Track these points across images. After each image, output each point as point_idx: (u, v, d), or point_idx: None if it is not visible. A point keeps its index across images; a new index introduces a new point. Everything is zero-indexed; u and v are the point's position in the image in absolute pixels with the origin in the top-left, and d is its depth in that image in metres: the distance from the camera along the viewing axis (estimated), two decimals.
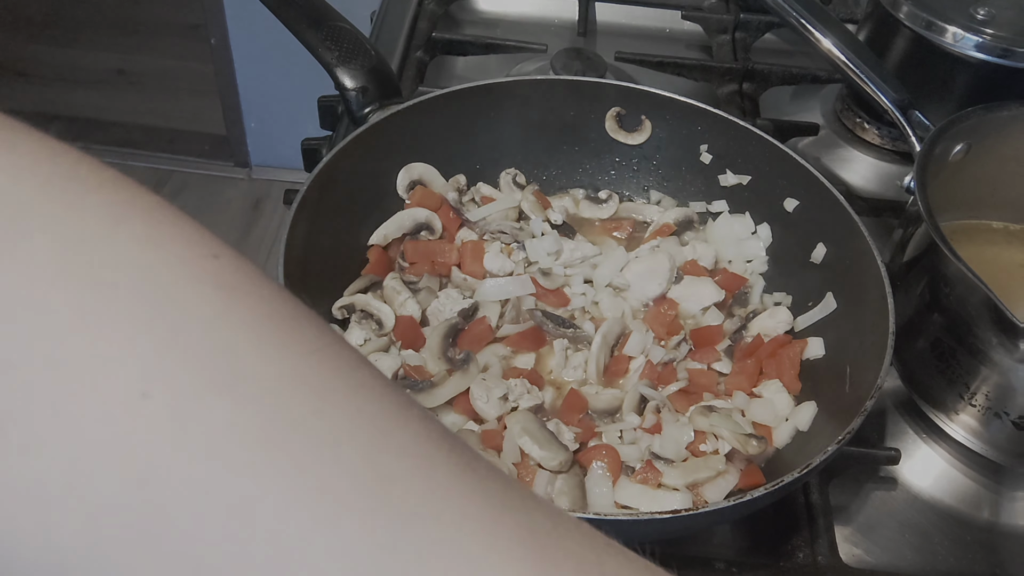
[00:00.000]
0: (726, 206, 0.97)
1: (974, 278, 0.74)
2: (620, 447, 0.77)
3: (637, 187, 1.01)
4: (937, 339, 0.83)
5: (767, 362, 0.85)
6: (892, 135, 1.18)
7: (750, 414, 0.81)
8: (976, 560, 0.80)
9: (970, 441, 0.85)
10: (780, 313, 0.88)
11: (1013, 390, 0.79)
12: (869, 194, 1.12)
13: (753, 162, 0.94)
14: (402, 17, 1.28)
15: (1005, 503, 0.84)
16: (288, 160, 2.75)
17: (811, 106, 1.25)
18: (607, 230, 0.98)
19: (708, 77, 1.24)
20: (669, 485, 0.74)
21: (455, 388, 0.79)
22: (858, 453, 0.83)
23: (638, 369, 0.84)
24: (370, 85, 0.90)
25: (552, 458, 0.73)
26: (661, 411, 0.80)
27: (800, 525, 0.77)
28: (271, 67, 2.53)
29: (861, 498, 0.83)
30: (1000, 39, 1.01)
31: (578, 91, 0.98)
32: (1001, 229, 0.99)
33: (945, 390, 0.84)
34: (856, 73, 0.94)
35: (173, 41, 3.10)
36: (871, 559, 0.79)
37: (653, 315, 0.89)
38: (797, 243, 0.91)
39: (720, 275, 0.93)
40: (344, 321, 0.84)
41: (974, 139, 0.90)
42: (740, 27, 1.32)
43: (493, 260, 0.90)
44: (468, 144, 0.97)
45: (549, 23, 1.36)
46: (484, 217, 0.95)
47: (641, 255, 0.93)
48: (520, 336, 0.85)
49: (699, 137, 0.97)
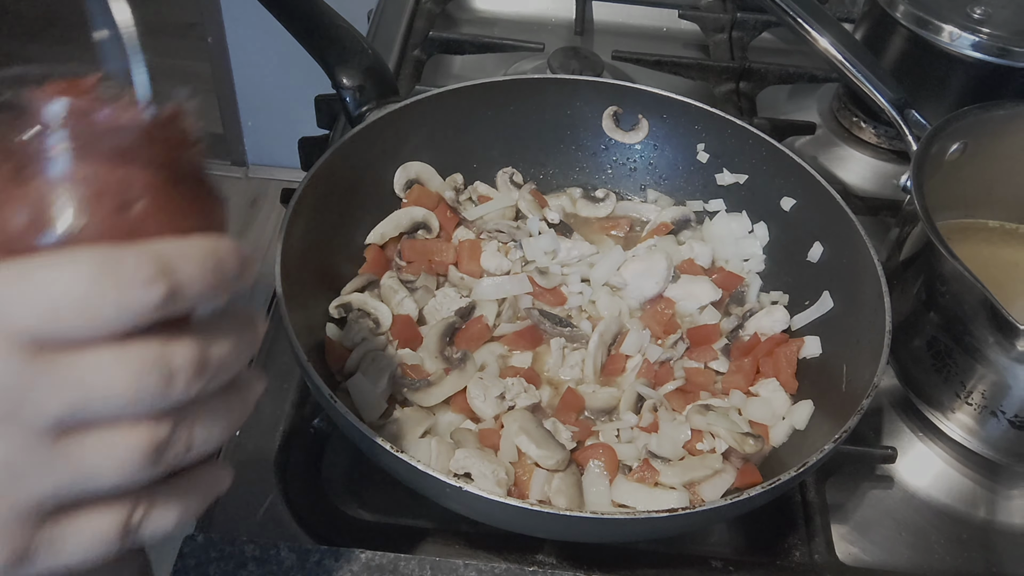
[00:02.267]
0: (723, 205, 0.97)
1: (970, 277, 0.74)
2: (617, 446, 0.77)
3: (634, 186, 1.02)
4: (933, 338, 0.83)
5: (764, 361, 0.85)
6: (889, 134, 1.18)
7: (747, 413, 0.81)
8: (972, 558, 0.80)
9: (966, 440, 0.85)
10: (777, 312, 0.89)
11: (1009, 389, 0.79)
12: (866, 193, 1.13)
13: (750, 161, 0.95)
14: (399, 16, 1.28)
15: (1001, 501, 0.85)
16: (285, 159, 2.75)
17: (808, 105, 1.26)
18: (604, 229, 0.98)
19: (705, 76, 1.25)
20: (666, 484, 0.74)
21: (452, 387, 0.79)
22: (855, 452, 0.83)
23: (635, 368, 0.84)
24: (367, 84, 0.90)
25: (549, 457, 0.73)
26: (658, 410, 0.80)
27: (797, 523, 0.77)
28: (268, 66, 2.53)
29: (858, 496, 0.83)
30: (996, 38, 1.02)
31: (575, 90, 0.98)
32: (997, 228, 0.99)
33: (941, 389, 0.84)
34: (853, 72, 0.94)
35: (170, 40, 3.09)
36: (868, 557, 0.79)
37: (650, 314, 0.89)
38: (794, 242, 0.91)
39: (717, 274, 0.93)
40: (341, 320, 0.84)
41: (970, 138, 0.90)
42: (737, 26, 1.32)
43: (490, 259, 0.90)
44: (465, 143, 0.97)
45: (546, 22, 1.36)
46: (481, 216, 0.95)
47: (638, 254, 0.93)
48: (517, 335, 0.85)
49: (696, 136, 0.97)
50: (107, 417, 0.38)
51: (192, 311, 0.40)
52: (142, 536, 0.41)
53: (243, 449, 0.78)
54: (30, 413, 0.36)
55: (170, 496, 0.42)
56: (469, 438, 0.76)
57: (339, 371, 0.80)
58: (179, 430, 0.40)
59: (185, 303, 0.38)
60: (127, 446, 0.38)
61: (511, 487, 0.73)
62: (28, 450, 0.37)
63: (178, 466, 0.41)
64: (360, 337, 0.82)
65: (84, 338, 0.36)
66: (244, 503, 0.74)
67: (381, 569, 0.66)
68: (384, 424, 0.76)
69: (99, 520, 0.40)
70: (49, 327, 0.36)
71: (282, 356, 0.86)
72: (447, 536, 0.74)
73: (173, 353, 0.38)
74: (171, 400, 0.38)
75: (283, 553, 0.66)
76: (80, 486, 0.38)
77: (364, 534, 0.73)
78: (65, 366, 0.36)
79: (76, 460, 0.38)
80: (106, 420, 0.38)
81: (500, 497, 0.62)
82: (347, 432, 0.68)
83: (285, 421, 0.79)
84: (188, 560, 0.66)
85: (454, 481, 0.61)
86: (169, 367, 0.38)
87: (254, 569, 0.65)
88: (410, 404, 0.78)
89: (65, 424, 0.37)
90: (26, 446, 0.37)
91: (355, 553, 0.67)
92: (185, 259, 0.38)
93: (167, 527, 0.42)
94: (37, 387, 0.36)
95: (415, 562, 0.66)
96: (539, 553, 0.73)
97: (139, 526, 0.41)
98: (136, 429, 0.38)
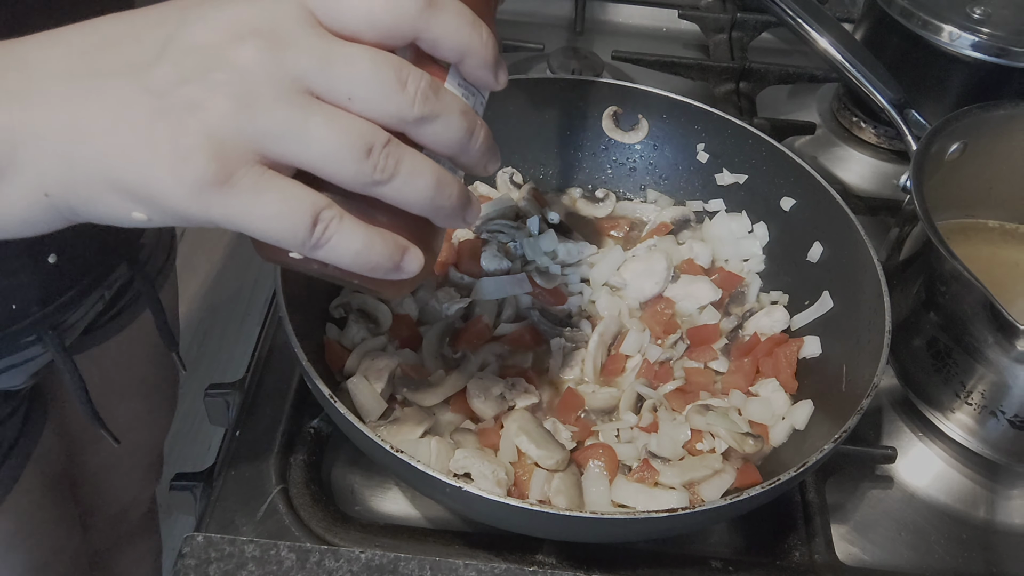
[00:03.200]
0: (723, 205, 0.97)
1: (970, 277, 0.74)
2: (617, 446, 0.77)
3: (634, 186, 1.02)
4: (933, 338, 0.83)
5: (764, 361, 0.85)
6: (888, 134, 1.18)
7: (747, 413, 0.81)
8: (972, 558, 0.80)
9: (966, 440, 0.85)
10: (777, 312, 0.89)
11: (1009, 389, 0.79)
12: (866, 193, 1.13)
13: (750, 161, 0.95)
14: None
15: (1001, 501, 0.85)
16: None
17: (808, 105, 1.26)
18: (604, 229, 0.98)
19: (705, 76, 1.25)
20: (666, 484, 0.74)
21: (452, 387, 0.79)
22: (854, 452, 0.83)
23: (635, 368, 0.84)
24: None
25: (549, 457, 0.73)
26: (658, 410, 0.80)
27: (796, 524, 0.77)
28: None
29: (857, 497, 0.83)
30: (996, 38, 1.02)
31: (575, 90, 0.98)
32: (997, 228, 0.99)
33: (941, 389, 0.84)
34: (852, 72, 0.94)
35: None
36: (867, 557, 0.79)
37: (650, 314, 0.89)
38: (794, 242, 0.91)
39: (717, 274, 0.93)
40: (341, 320, 0.84)
41: (970, 138, 0.90)
42: (737, 26, 1.32)
43: (490, 259, 0.90)
44: None
45: (545, 22, 1.36)
46: (481, 216, 0.95)
47: (638, 254, 0.93)
48: (517, 335, 0.85)
49: (696, 136, 0.97)
50: (342, 94, 0.43)
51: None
52: (320, 243, 0.44)
53: (243, 449, 0.78)
54: (290, 58, 0.42)
55: (359, 227, 0.45)
56: (469, 438, 0.76)
57: (339, 371, 0.80)
58: (392, 147, 0.44)
59: (433, 37, 0.46)
60: (347, 126, 0.43)
61: (511, 487, 0.73)
62: (276, 82, 0.42)
63: (378, 196, 0.45)
64: (360, 337, 0.82)
65: (354, 30, 0.44)
66: (244, 503, 0.74)
67: (381, 569, 0.66)
68: (384, 424, 0.76)
69: (296, 194, 0.43)
70: (332, 13, 0.44)
71: (282, 356, 0.86)
72: (447, 536, 0.74)
73: (412, 71, 0.44)
74: (396, 105, 0.44)
75: (283, 553, 0.66)
76: (295, 141, 0.43)
77: (364, 534, 0.73)
78: (327, 38, 0.43)
79: (305, 115, 0.42)
80: (341, 98, 0.43)
81: (500, 497, 0.62)
82: (347, 432, 0.68)
83: (285, 421, 0.79)
84: (188, 560, 0.66)
85: (454, 481, 0.61)
86: (406, 78, 0.44)
87: (254, 569, 0.65)
88: (410, 404, 0.78)
89: (312, 85, 0.43)
90: (276, 77, 0.42)
91: (355, 553, 0.67)
92: (455, 13, 0.46)
93: (345, 252, 0.45)
94: (304, 41, 0.43)
95: (415, 562, 0.66)
96: (539, 553, 0.73)
97: (324, 229, 0.44)
98: (359, 120, 0.43)
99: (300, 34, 0.42)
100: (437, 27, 0.45)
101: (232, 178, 0.42)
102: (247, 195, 0.42)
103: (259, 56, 0.42)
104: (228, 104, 0.41)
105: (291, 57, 0.42)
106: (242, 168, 0.42)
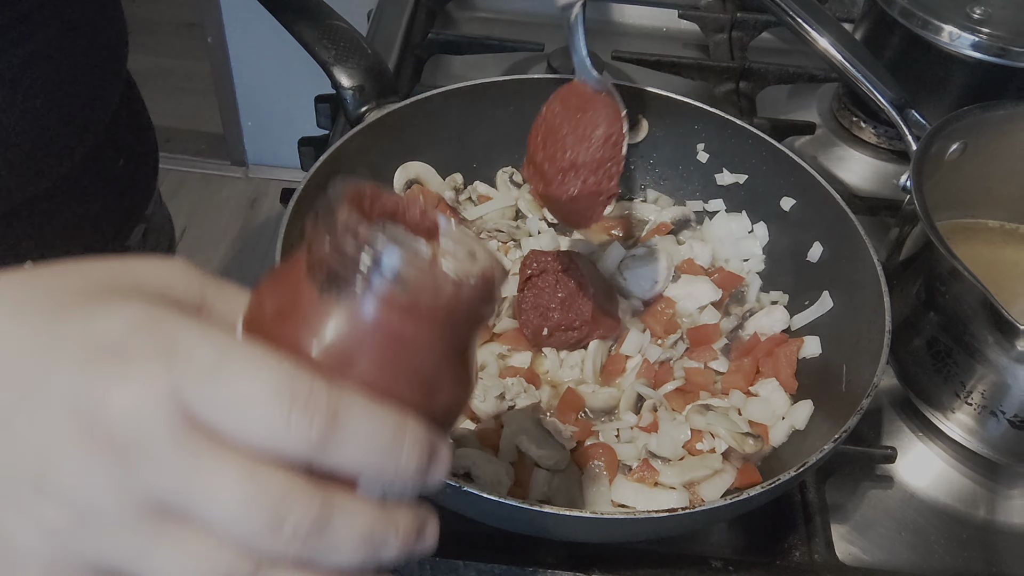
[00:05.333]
0: (723, 205, 0.97)
1: (970, 277, 0.74)
2: (617, 446, 0.77)
3: (634, 186, 1.01)
4: (933, 338, 0.83)
5: (764, 361, 0.85)
6: (889, 134, 1.18)
7: (747, 413, 0.81)
8: (972, 558, 0.80)
9: (966, 440, 0.85)
10: (777, 312, 0.89)
11: (1009, 389, 0.79)
12: (866, 193, 1.13)
13: (750, 161, 0.95)
14: (399, 16, 1.28)
15: (1001, 501, 0.85)
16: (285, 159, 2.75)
17: (808, 105, 1.26)
18: (604, 229, 0.98)
19: (705, 76, 1.24)
20: (666, 484, 0.74)
21: None
22: (854, 452, 0.83)
23: (635, 368, 0.84)
24: (367, 84, 0.90)
25: (549, 457, 0.73)
26: (658, 410, 0.80)
27: (797, 523, 0.77)
28: (268, 66, 2.53)
29: (857, 496, 0.83)
30: (996, 38, 1.02)
31: None
32: (997, 228, 0.99)
33: (941, 389, 0.84)
34: (852, 72, 0.94)
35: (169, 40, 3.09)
36: (867, 557, 0.79)
37: (650, 314, 0.89)
38: (794, 242, 0.91)
39: (717, 274, 0.93)
40: None
41: (970, 138, 0.90)
42: (737, 26, 1.32)
43: None
44: (465, 143, 0.97)
45: (546, 22, 1.36)
46: (481, 216, 0.95)
47: (638, 254, 0.93)
48: (517, 335, 0.85)
49: (696, 136, 0.97)
50: (201, 520, 0.34)
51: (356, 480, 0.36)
52: None
53: None
54: (142, 475, 0.34)
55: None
56: (469, 438, 0.76)
57: None
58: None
59: (332, 464, 0.35)
60: (198, 555, 0.35)
61: (511, 487, 0.73)
62: (120, 505, 0.34)
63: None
64: None
65: (232, 438, 0.34)
66: None
67: None
68: None
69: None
70: (209, 409, 0.34)
71: None
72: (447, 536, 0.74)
73: (296, 501, 0.34)
74: (268, 543, 0.34)
75: None
76: (135, 569, 0.35)
77: None
78: (197, 448, 0.34)
79: (152, 542, 0.35)
80: (200, 523, 0.34)
81: (500, 497, 0.62)
82: None
83: None
84: None
85: (454, 481, 0.61)
86: (284, 511, 0.34)
87: None
88: None
89: (165, 505, 0.34)
90: (120, 499, 0.34)
91: None
92: (362, 420, 0.35)
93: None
94: (163, 453, 0.34)
95: (415, 562, 0.66)
96: (539, 553, 0.73)
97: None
98: (216, 550, 0.35)
99: (161, 444, 0.34)
100: (337, 455, 0.35)
101: None
102: None
103: (100, 477, 0.34)
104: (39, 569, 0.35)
105: (142, 474, 0.34)
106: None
